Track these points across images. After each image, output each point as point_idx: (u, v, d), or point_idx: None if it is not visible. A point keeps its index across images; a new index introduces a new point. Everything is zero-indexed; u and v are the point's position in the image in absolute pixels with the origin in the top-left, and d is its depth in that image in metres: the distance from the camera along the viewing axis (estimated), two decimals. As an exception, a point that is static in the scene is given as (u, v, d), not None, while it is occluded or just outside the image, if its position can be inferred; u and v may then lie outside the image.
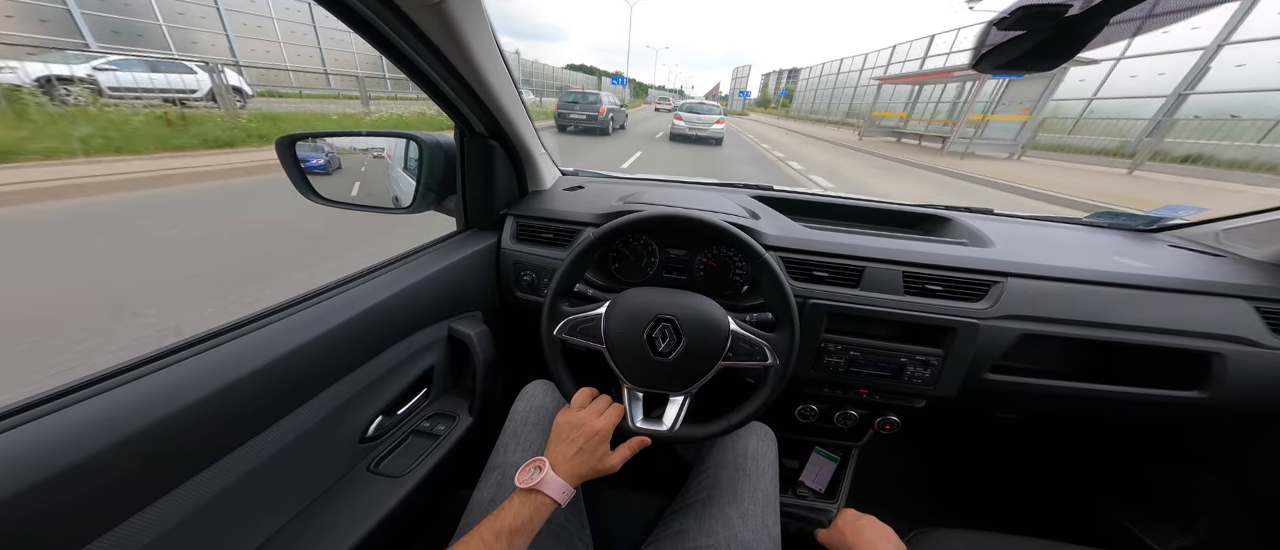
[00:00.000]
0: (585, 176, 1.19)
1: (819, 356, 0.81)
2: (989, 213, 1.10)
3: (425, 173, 0.83)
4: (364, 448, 0.64)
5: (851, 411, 0.92)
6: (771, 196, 1.08)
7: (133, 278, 2.37)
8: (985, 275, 0.78)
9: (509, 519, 0.46)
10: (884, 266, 0.79)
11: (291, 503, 0.54)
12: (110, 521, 0.37)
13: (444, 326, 0.78)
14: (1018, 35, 0.37)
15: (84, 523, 0.36)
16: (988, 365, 0.78)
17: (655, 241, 0.90)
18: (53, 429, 0.36)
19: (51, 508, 0.33)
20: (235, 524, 0.47)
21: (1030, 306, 0.76)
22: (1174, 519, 1.01)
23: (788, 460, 1.06)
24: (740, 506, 0.63)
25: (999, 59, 0.42)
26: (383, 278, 0.68)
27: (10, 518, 0.31)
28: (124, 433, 0.37)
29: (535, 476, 0.50)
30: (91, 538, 0.36)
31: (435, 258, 0.78)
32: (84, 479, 0.35)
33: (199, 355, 0.46)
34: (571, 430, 0.56)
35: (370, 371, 0.63)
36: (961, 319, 0.75)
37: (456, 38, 0.57)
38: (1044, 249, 0.86)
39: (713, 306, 0.64)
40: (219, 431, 0.45)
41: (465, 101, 0.72)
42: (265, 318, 0.54)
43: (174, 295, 2.21)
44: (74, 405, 0.38)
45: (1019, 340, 0.76)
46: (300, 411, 0.53)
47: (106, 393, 0.39)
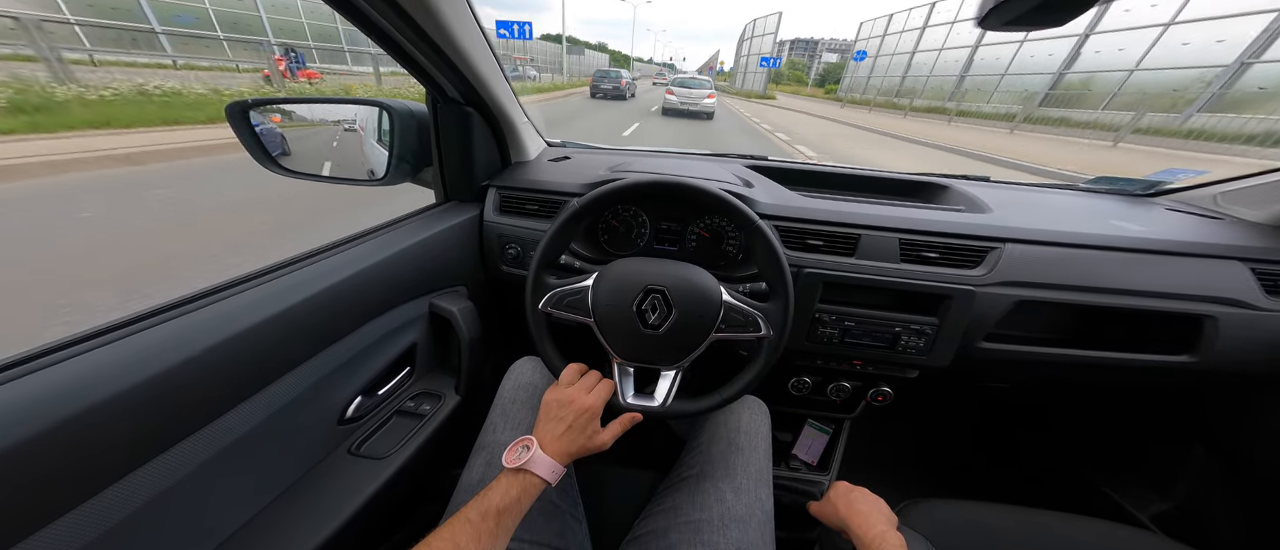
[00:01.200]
0: (572, 147, 1.14)
1: (813, 327, 0.79)
2: (986, 180, 1.07)
3: (398, 142, 0.78)
4: (343, 429, 0.61)
5: (845, 383, 0.92)
6: (765, 166, 1.05)
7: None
8: (982, 241, 0.76)
9: (496, 499, 0.44)
10: (880, 234, 0.77)
11: (267, 487, 0.51)
12: (51, 513, 0.34)
13: (425, 302, 0.75)
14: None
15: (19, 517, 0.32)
16: (982, 334, 0.77)
17: (645, 212, 0.86)
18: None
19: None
20: (205, 508, 0.45)
21: (1026, 272, 0.74)
22: (1155, 486, 1.03)
23: (780, 433, 1.07)
24: (733, 480, 0.62)
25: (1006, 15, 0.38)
26: (354, 250, 0.65)
27: None
28: (63, 414, 0.34)
29: (522, 456, 0.48)
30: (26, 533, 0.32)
31: (412, 230, 0.74)
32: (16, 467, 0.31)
33: (150, 329, 0.42)
34: (560, 408, 0.54)
35: (345, 349, 0.60)
36: (958, 286, 0.74)
37: None
38: (1041, 214, 0.84)
39: (705, 276, 0.62)
40: (178, 411, 0.42)
41: (435, 65, 0.67)
42: (224, 290, 0.50)
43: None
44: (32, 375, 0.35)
45: (1014, 307, 0.75)
46: (269, 390, 0.50)
47: (41, 371, 0.36)
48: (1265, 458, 0.85)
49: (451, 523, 0.42)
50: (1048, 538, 0.63)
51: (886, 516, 0.62)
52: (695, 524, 0.57)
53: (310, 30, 17.57)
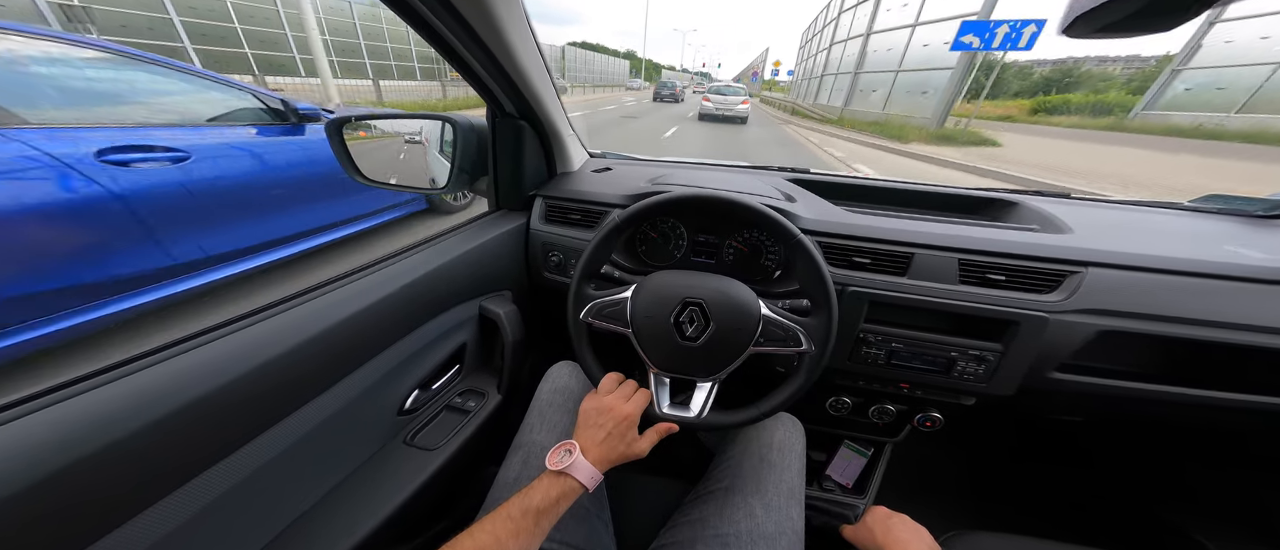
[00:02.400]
0: (613, 158, 1.18)
1: (856, 347, 0.77)
2: (1065, 196, 0.98)
3: (459, 154, 0.85)
4: (401, 420, 0.67)
5: (889, 406, 0.88)
6: (808, 179, 1.03)
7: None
8: (1060, 264, 0.70)
9: (537, 499, 0.46)
10: (937, 253, 0.73)
11: (335, 471, 0.57)
12: (159, 492, 0.39)
13: (475, 304, 0.81)
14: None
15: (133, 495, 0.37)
16: (1054, 363, 0.71)
17: (683, 224, 0.88)
18: (95, 404, 0.37)
19: (98, 481, 0.35)
20: (283, 492, 0.50)
21: (1114, 300, 0.68)
22: (1256, 534, 0.90)
23: (814, 452, 1.04)
24: (763, 497, 0.62)
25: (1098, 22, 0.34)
26: (419, 255, 0.71)
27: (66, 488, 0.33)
28: (177, 403, 0.39)
29: (565, 460, 0.51)
30: (141, 507, 0.38)
31: (468, 237, 0.80)
32: (135, 451, 0.36)
33: (245, 329, 0.48)
34: (599, 415, 0.56)
35: (407, 346, 0.66)
36: (1028, 312, 0.68)
37: (489, 18, 0.57)
38: (1135, 236, 0.76)
39: (743, 290, 0.62)
40: (267, 403, 0.47)
41: (497, 82, 0.73)
42: (309, 293, 0.57)
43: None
44: (122, 379, 0.39)
45: (1096, 337, 0.68)
46: (343, 383, 0.56)
47: (154, 367, 0.41)
48: None
49: (493, 517, 0.44)
50: None
51: (928, 546, 0.59)
52: (722, 538, 0.57)
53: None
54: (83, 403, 0.36)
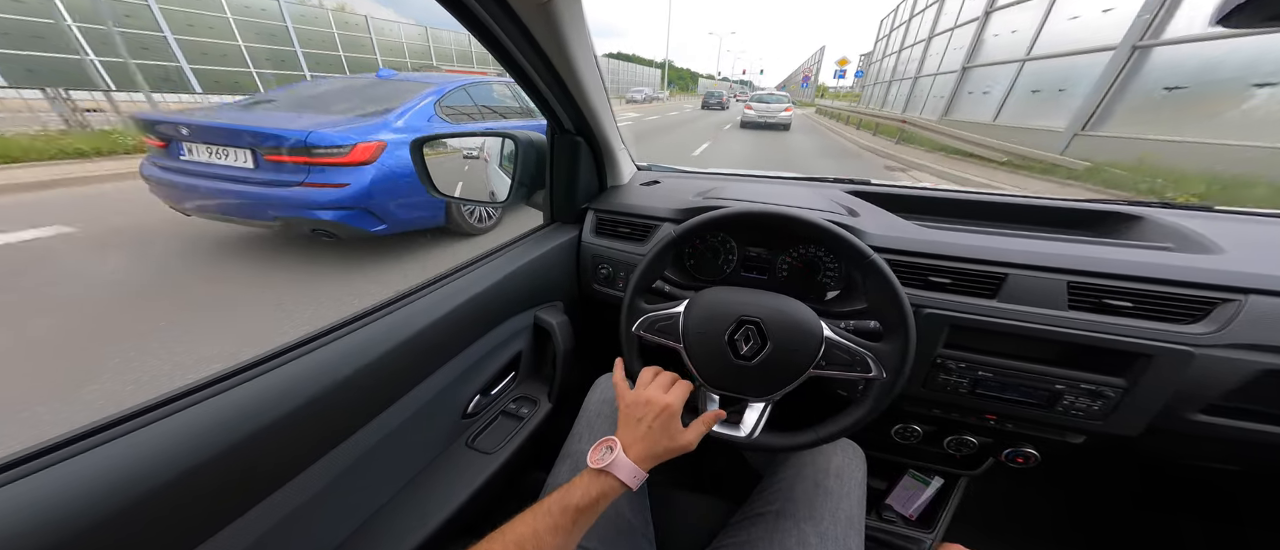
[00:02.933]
0: (660, 171, 1.18)
1: (932, 373, 0.71)
2: (1208, 210, 0.85)
3: (519, 169, 0.89)
4: (464, 423, 0.71)
5: (970, 438, 0.80)
6: (870, 191, 0.97)
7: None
8: (1209, 290, 0.60)
9: (577, 497, 0.46)
10: (1038, 274, 0.65)
11: (407, 469, 0.61)
12: (263, 493, 0.43)
13: (531, 314, 0.84)
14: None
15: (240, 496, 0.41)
16: (1199, 404, 0.61)
17: (734, 238, 0.86)
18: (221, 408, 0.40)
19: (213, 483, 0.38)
20: (365, 488, 0.54)
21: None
22: None
23: (874, 480, 0.97)
24: (818, 524, 0.59)
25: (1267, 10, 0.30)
26: (486, 267, 0.76)
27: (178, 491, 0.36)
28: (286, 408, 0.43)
29: (606, 457, 0.49)
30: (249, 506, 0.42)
31: (526, 250, 0.84)
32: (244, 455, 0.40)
33: (339, 341, 0.52)
34: (639, 409, 0.53)
35: (472, 354, 0.70)
36: (1165, 344, 0.59)
37: (558, 37, 0.60)
38: None
39: (804, 310, 0.60)
40: (356, 408, 0.52)
41: (558, 99, 0.76)
42: (388, 307, 0.61)
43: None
44: (245, 383, 0.43)
45: (1258, 377, 0.58)
46: (419, 388, 0.60)
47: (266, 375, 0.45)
48: None
49: (532, 511, 0.44)
50: None
51: None
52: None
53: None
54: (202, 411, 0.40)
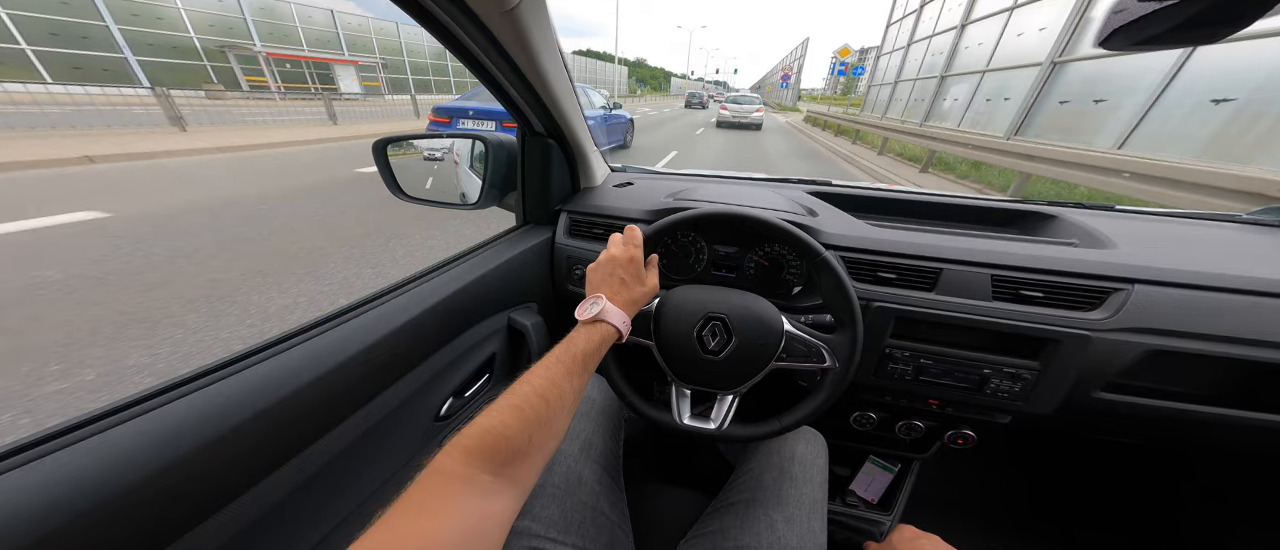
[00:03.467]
0: (633, 173, 1.20)
1: (882, 363, 0.76)
2: (1108, 209, 0.95)
3: (490, 171, 0.89)
4: (438, 426, 0.70)
5: (918, 422, 0.87)
6: (830, 192, 1.03)
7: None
8: (1103, 281, 0.68)
9: (581, 344, 0.48)
10: (968, 269, 0.72)
11: (378, 474, 0.60)
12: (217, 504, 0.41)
13: (505, 316, 0.84)
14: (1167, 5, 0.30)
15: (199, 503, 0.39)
16: (1099, 383, 0.68)
17: (704, 238, 0.89)
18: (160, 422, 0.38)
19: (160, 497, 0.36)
20: (331, 494, 0.53)
21: (1165, 318, 0.65)
22: None
23: (837, 467, 1.03)
24: (785, 510, 0.62)
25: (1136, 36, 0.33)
26: (454, 270, 0.75)
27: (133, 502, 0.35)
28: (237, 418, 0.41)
29: (595, 307, 0.53)
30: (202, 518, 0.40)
31: (498, 252, 0.84)
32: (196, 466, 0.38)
33: (301, 345, 0.51)
34: (608, 266, 0.58)
35: (443, 357, 0.70)
36: (1068, 330, 0.66)
37: (524, 41, 0.60)
38: (1187, 251, 0.73)
39: (766, 306, 0.63)
40: (323, 412, 0.51)
41: (528, 102, 0.76)
42: (358, 309, 0.61)
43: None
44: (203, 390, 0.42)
45: (1145, 357, 0.66)
46: (388, 393, 0.59)
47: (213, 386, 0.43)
48: None
49: (543, 363, 0.45)
50: None
51: None
52: (742, 549, 0.58)
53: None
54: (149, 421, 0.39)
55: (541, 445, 0.38)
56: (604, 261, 0.59)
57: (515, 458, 0.35)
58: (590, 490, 0.63)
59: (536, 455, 0.38)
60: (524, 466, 0.36)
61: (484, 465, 0.33)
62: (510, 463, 0.35)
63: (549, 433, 0.39)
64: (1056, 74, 6.55)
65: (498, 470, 0.34)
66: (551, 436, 0.40)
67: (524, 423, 0.37)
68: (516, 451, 0.35)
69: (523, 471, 0.36)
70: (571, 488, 0.62)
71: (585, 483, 0.64)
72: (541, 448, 0.38)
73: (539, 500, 0.61)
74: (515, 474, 0.35)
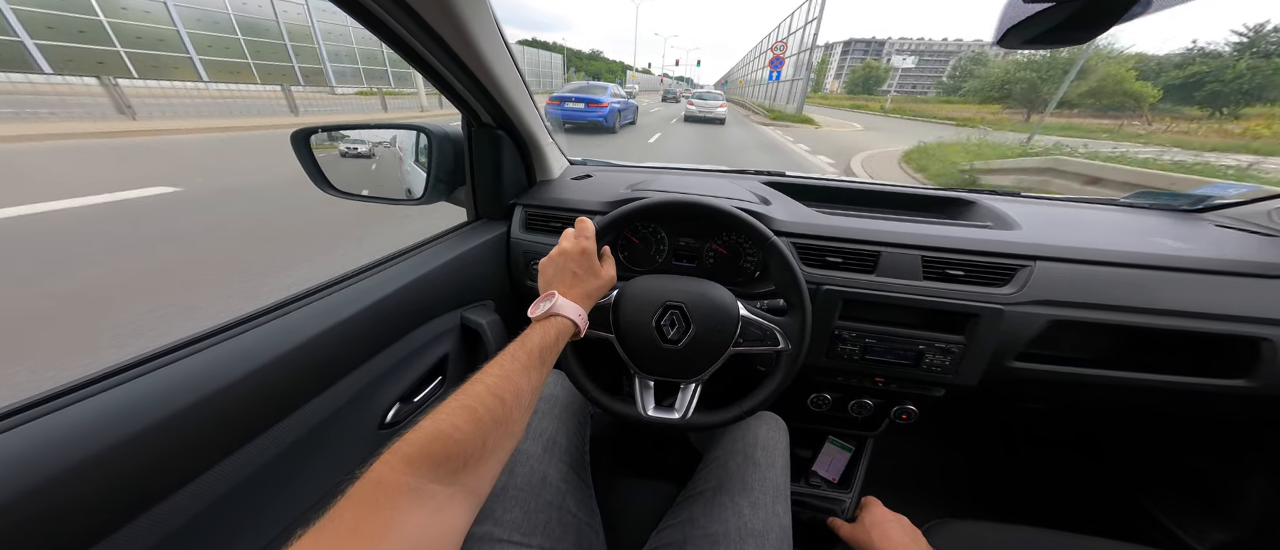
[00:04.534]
0: (593, 166, 1.18)
1: (833, 344, 0.79)
2: (1016, 195, 1.05)
3: (435, 164, 0.84)
4: (383, 434, 0.65)
5: (866, 400, 0.91)
6: (783, 182, 1.06)
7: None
8: (1011, 259, 0.75)
9: (536, 340, 0.46)
10: (901, 251, 0.77)
11: (316, 487, 0.55)
12: (113, 525, 0.36)
13: (457, 315, 0.79)
14: (1046, 6, 0.34)
15: (87, 524, 0.34)
16: (1012, 353, 0.75)
17: (664, 229, 0.89)
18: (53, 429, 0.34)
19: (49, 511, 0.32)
20: (261, 511, 0.48)
21: (1061, 291, 0.73)
22: (1215, 517, 0.97)
23: (800, 449, 1.06)
24: (750, 495, 0.63)
25: (1026, 34, 0.38)
26: (397, 267, 0.70)
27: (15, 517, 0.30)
28: (131, 429, 0.36)
29: (547, 303, 0.51)
30: (98, 538, 0.35)
31: (447, 247, 0.79)
32: (86, 479, 0.33)
33: (215, 347, 0.46)
34: (559, 259, 0.56)
35: (387, 359, 0.65)
36: (985, 305, 0.72)
37: (459, 27, 0.57)
38: (1076, 231, 0.82)
39: (721, 292, 0.64)
40: (243, 419, 0.46)
41: (471, 92, 0.72)
42: (284, 307, 0.55)
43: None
44: (76, 404, 0.37)
45: (1048, 327, 0.73)
46: (322, 398, 0.55)
47: (116, 388, 0.39)
48: None
49: (498, 360, 0.42)
50: None
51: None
52: (712, 537, 0.57)
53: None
54: (39, 426, 0.34)
55: (497, 448, 0.35)
56: (555, 256, 0.57)
57: (469, 463, 0.32)
58: (555, 489, 0.61)
59: (492, 459, 0.35)
60: (479, 473, 0.33)
61: (432, 474, 0.30)
62: (463, 469, 0.32)
63: (505, 434, 0.37)
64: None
65: (449, 478, 0.30)
66: (508, 437, 0.37)
67: (477, 424, 0.34)
68: (470, 456, 0.32)
69: (477, 478, 0.33)
70: (535, 488, 0.60)
71: (550, 482, 0.62)
72: (497, 451, 0.35)
73: (500, 503, 0.58)
74: (469, 481, 0.32)
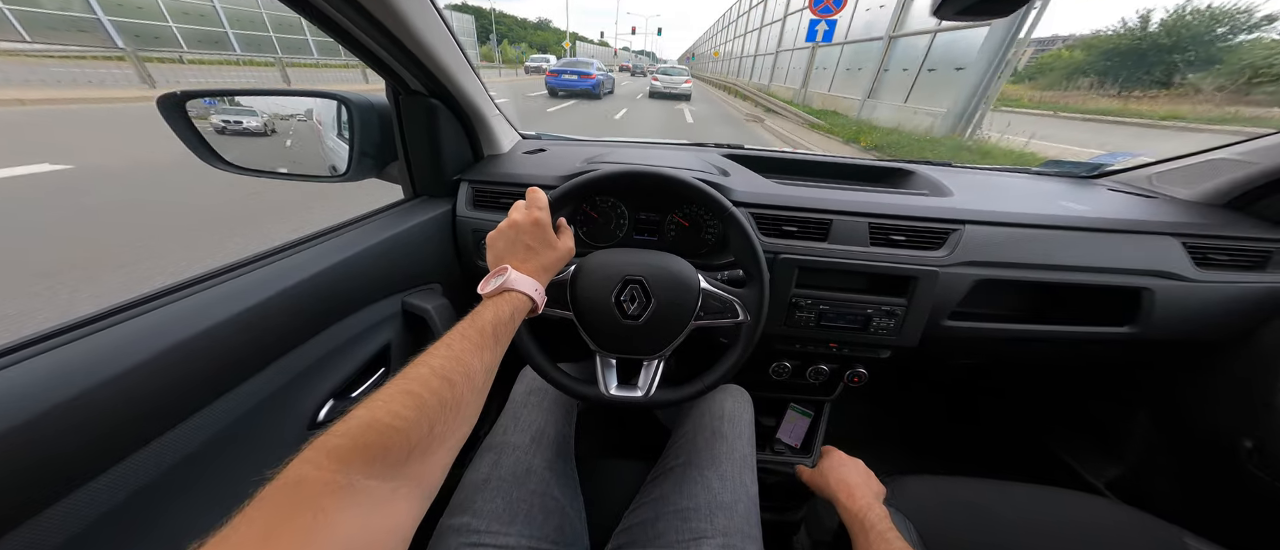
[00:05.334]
0: (547, 140, 1.12)
1: (790, 312, 0.81)
2: (949, 165, 1.12)
3: (359, 137, 0.74)
4: (313, 435, 0.58)
5: (822, 366, 0.94)
6: (742, 155, 1.06)
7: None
8: (944, 223, 0.79)
9: (488, 317, 0.42)
10: (851, 219, 0.79)
11: (236, 494, 0.48)
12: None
13: (397, 301, 0.72)
14: None
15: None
16: (946, 312, 0.80)
17: (624, 203, 0.85)
18: None
19: None
20: (164, 522, 0.41)
21: (984, 252, 0.78)
22: (1108, 454, 1.11)
23: (764, 418, 1.08)
24: (718, 468, 0.63)
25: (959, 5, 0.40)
26: (320, 247, 0.61)
27: None
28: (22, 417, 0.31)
29: (499, 279, 0.47)
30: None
31: (380, 227, 0.71)
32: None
33: (98, 333, 0.39)
34: (510, 232, 0.51)
35: (314, 350, 0.57)
36: (923, 267, 0.76)
37: None
38: (998, 196, 0.89)
39: (682, 264, 0.62)
40: (133, 419, 0.39)
41: (393, 56, 0.63)
42: (179, 290, 0.47)
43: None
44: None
45: (974, 286, 0.78)
46: (234, 394, 0.47)
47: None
48: (1202, 422, 0.92)
49: (445, 340, 0.38)
50: (1014, 508, 0.66)
51: (875, 490, 0.64)
52: (683, 512, 0.57)
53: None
54: None
55: (449, 434, 0.32)
56: (505, 228, 0.52)
57: (413, 453, 0.28)
58: (541, 478, 0.60)
59: (442, 447, 0.31)
60: (427, 462, 0.29)
61: (366, 468, 0.26)
62: (407, 460, 0.28)
63: (458, 418, 0.33)
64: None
65: (389, 472, 0.27)
66: (461, 422, 0.33)
67: (421, 410, 0.30)
68: (414, 445, 0.28)
69: (426, 468, 0.29)
70: (520, 479, 0.58)
71: (535, 472, 0.60)
72: (448, 437, 0.32)
73: (482, 495, 0.56)
74: (416, 472, 0.28)
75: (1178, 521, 0.62)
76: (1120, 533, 0.62)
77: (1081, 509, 0.66)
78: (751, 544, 0.56)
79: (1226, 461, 0.84)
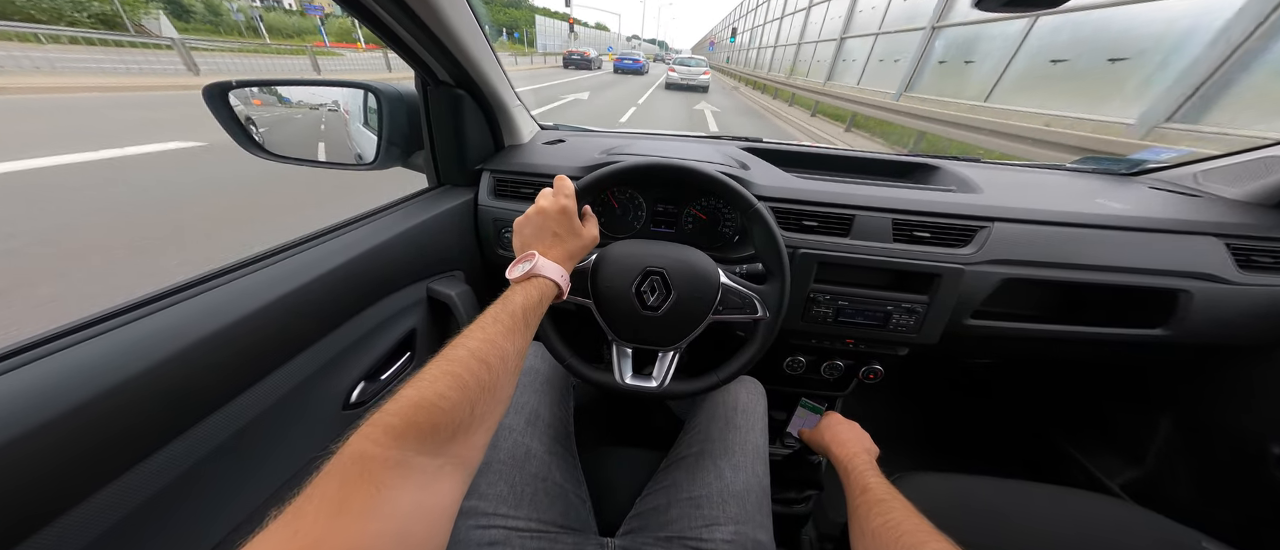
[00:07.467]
0: (566, 130, 1.12)
1: (808, 307, 0.80)
2: (977, 161, 1.09)
3: (387, 126, 0.76)
4: (349, 415, 0.61)
5: (838, 362, 0.94)
6: (761, 148, 1.04)
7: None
8: (972, 220, 0.77)
9: (519, 300, 0.43)
10: (874, 214, 0.77)
11: (277, 472, 0.51)
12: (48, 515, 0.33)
13: (423, 287, 0.74)
14: None
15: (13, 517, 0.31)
16: (969, 311, 0.79)
17: (642, 194, 0.86)
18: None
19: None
20: (213, 498, 0.45)
21: (1013, 250, 0.76)
22: (1125, 455, 1.08)
23: (775, 411, 1.09)
24: (731, 458, 0.64)
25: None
26: (349, 235, 0.64)
27: None
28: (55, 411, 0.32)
29: (527, 264, 0.48)
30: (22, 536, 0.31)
31: (407, 215, 0.73)
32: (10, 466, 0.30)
33: (143, 319, 0.41)
34: (537, 219, 0.52)
35: (347, 334, 0.60)
36: (947, 265, 0.75)
37: None
38: (1029, 194, 0.86)
39: (703, 259, 0.62)
40: (180, 403, 0.41)
41: (425, 47, 0.65)
42: (219, 277, 0.49)
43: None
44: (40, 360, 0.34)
45: (1001, 284, 0.76)
46: (274, 376, 0.50)
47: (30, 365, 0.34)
48: (1228, 426, 0.89)
49: (479, 322, 0.39)
50: (1028, 508, 0.65)
51: (865, 446, 0.66)
52: (695, 500, 0.58)
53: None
54: None
55: (487, 415, 0.33)
56: (532, 215, 0.53)
57: (457, 433, 0.30)
58: (541, 461, 0.61)
59: (481, 428, 0.33)
60: (468, 442, 0.31)
61: (419, 446, 0.27)
62: (452, 439, 0.29)
63: (494, 400, 0.34)
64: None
65: (437, 450, 0.28)
66: (497, 403, 0.35)
67: (464, 391, 0.31)
68: (458, 426, 0.30)
69: (468, 448, 0.31)
70: (520, 461, 0.59)
71: (534, 455, 0.61)
72: (486, 418, 0.33)
73: (485, 477, 0.57)
74: (459, 452, 0.30)
75: (1195, 525, 0.61)
76: (1136, 535, 0.61)
77: (1097, 510, 0.65)
78: (762, 533, 0.57)
79: (1252, 467, 0.82)
